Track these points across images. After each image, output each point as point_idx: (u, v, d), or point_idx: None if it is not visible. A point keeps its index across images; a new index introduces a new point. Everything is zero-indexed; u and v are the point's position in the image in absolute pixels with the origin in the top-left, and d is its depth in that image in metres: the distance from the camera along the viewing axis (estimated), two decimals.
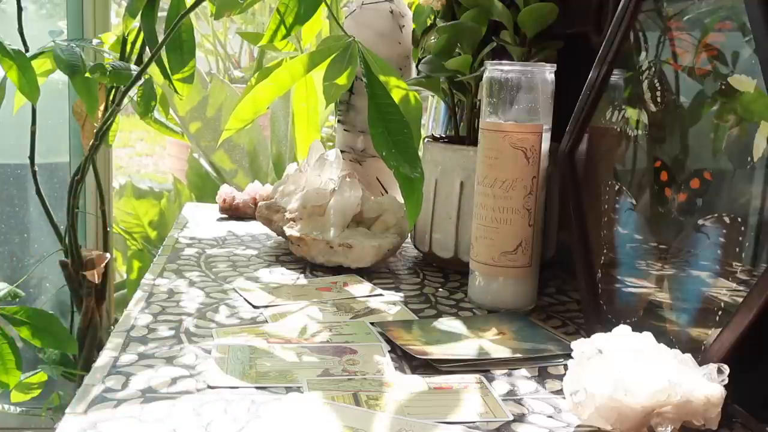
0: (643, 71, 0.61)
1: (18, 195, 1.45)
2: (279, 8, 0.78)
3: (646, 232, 0.59)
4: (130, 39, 1.10)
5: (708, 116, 0.54)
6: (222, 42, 2.51)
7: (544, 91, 0.68)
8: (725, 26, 0.54)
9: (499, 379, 0.56)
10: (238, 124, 0.72)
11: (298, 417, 0.48)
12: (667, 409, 0.45)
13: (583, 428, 0.48)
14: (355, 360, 0.57)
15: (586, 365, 0.48)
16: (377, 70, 0.70)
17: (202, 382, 0.52)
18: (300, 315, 0.67)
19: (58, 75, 1.06)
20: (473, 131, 0.82)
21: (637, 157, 0.62)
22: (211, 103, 1.83)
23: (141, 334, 0.61)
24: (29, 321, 0.90)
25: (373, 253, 0.80)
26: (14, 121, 1.19)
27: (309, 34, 1.00)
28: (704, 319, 0.52)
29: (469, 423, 0.48)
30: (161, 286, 0.74)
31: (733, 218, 0.50)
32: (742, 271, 0.50)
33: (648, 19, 0.61)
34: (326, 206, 0.82)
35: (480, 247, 0.70)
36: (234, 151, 1.89)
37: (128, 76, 0.98)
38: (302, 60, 0.71)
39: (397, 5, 0.93)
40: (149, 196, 1.85)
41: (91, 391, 0.50)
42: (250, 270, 0.81)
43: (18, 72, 0.94)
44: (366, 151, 0.95)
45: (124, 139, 4.39)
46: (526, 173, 0.68)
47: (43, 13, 1.51)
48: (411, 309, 0.70)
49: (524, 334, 0.64)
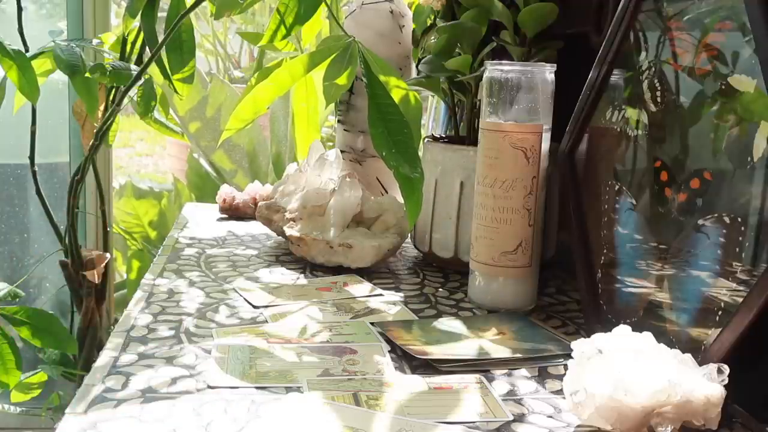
0: (643, 71, 0.61)
1: (18, 195, 1.45)
2: (279, 8, 0.78)
3: (646, 232, 0.59)
4: (130, 39, 1.10)
5: (708, 116, 0.54)
6: (222, 42, 2.51)
7: (544, 91, 0.68)
8: (725, 26, 0.54)
9: (499, 379, 0.56)
10: (238, 124, 0.72)
11: (298, 417, 0.48)
12: (667, 409, 0.45)
13: (583, 428, 0.48)
14: (355, 360, 0.57)
15: (586, 365, 0.48)
16: (377, 70, 0.70)
17: (202, 382, 0.52)
18: (300, 315, 0.67)
19: (58, 75, 1.06)
20: (473, 131, 0.82)
21: (637, 157, 0.62)
22: (210, 102, 1.82)
23: (141, 334, 0.61)
24: (29, 321, 0.90)
25: (373, 253, 0.80)
26: (14, 121, 1.19)
27: (309, 34, 1.00)
28: (704, 319, 0.52)
29: (469, 423, 0.48)
30: (161, 286, 0.74)
31: (733, 218, 0.51)
32: (742, 271, 0.50)
33: (648, 19, 0.61)
34: (326, 206, 0.82)
35: (480, 247, 0.70)
36: (234, 151, 1.89)
37: (128, 76, 0.98)
38: (302, 60, 0.71)
39: (397, 5, 0.93)
40: (149, 196, 1.85)
41: (91, 391, 0.50)
42: (250, 270, 0.81)
43: (18, 72, 0.94)
44: (366, 151, 0.95)
45: (124, 139, 4.39)
46: (526, 173, 0.68)
47: (43, 13, 1.51)
48: (411, 309, 0.70)
49: (524, 334, 0.64)
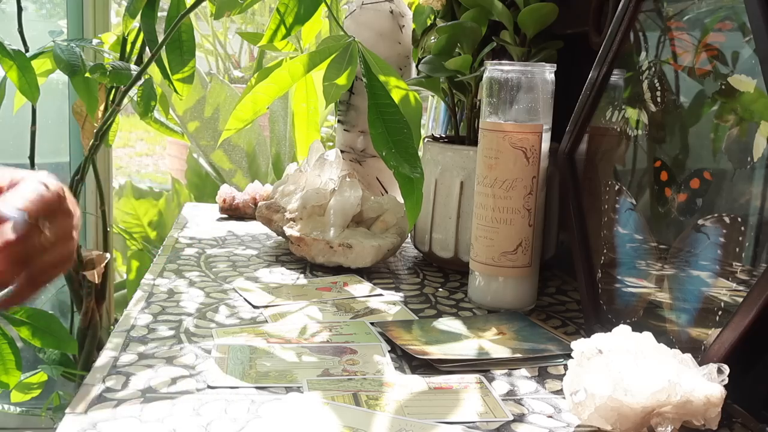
0: (643, 71, 0.61)
1: None
2: (279, 8, 0.78)
3: (646, 232, 0.59)
4: (130, 39, 1.10)
5: (708, 116, 0.54)
6: (222, 42, 2.51)
7: (544, 91, 0.68)
8: (725, 26, 0.54)
9: (499, 379, 0.56)
10: (238, 124, 0.72)
11: (298, 417, 0.48)
12: (667, 409, 0.45)
13: (583, 428, 0.48)
14: (355, 360, 0.57)
15: (586, 365, 0.48)
16: (377, 70, 0.70)
17: (202, 382, 0.52)
18: (300, 315, 0.67)
19: (58, 75, 1.06)
20: (473, 131, 0.82)
21: (637, 157, 0.62)
22: (210, 102, 1.82)
23: (141, 334, 0.61)
24: (29, 321, 0.90)
25: (373, 253, 0.80)
26: (14, 121, 1.19)
27: (309, 34, 1.00)
28: (704, 319, 0.52)
29: (469, 423, 0.48)
30: (161, 286, 0.74)
31: (733, 218, 0.51)
32: (742, 271, 0.50)
33: (648, 19, 0.61)
34: (326, 206, 0.82)
35: (480, 247, 0.70)
36: (233, 151, 1.89)
37: (128, 76, 0.98)
38: (302, 60, 0.71)
39: (397, 5, 0.93)
40: (149, 196, 1.85)
41: (91, 391, 0.50)
42: (250, 270, 0.81)
43: (18, 72, 0.94)
44: (366, 151, 0.95)
45: (124, 139, 4.39)
46: (526, 173, 0.68)
47: (43, 13, 1.51)
48: (411, 309, 0.70)
49: (524, 334, 0.64)
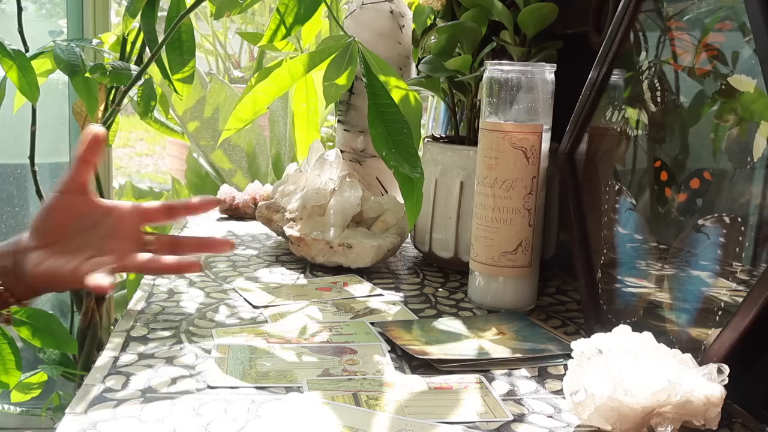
0: (643, 71, 0.61)
1: (18, 195, 1.45)
2: (279, 8, 0.78)
3: (646, 232, 0.59)
4: (130, 39, 1.10)
5: (708, 116, 0.54)
6: (222, 42, 2.51)
7: (544, 91, 0.68)
8: (725, 26, 0.54)
9: (499, 379, 0.56)
10: (238, 124, 0.72)
11: (298, 417, 0.48)
12: (667, 409, 0.45)
13: (583, 428, 0.48)
14: (355, 360, 0.57)
15: (586, 365, 0.48)
16: (377, 70, 0.70)
17: (202, 382, 0.52)
18: (300, 315, 0.67)
19: (58, 75, 1.06)
20: (473, 131, 0.82)
21: (637, 157, 0.62)
22: (209, 102, 1.82)
23: (141, 334, 0.61)
24: (29, 321, 0.90)
25: (373, 253, 0.80)
26: (14, 121, 1.19)
27: (309, 34, 1.00)
28: (704, 319, 0.52)
29: (469, 423, 0.48)
30: (161, 286, 0.74)
31: (733, 218, 0.50)
32: (742, 271, 0.50)
33: (648, 19, 0.61)
34: (326, 206, 0.82)
35: (480, 247, 0.70)
36: (233, 152, 1.89)
37: (128, 76, 0.98)
38: (302, 60, 0.71)
39: (397, 5, 0.93)
40: (149, 196, 1.85)
41: (91, 391, 0.50)
42: (250, 270, 0.81)
43: (18, 72, 0.94)
44: (366, 151, 0.95)
45: (124, 139, 4.40)
46: (526, 173, 0.68)
47: (43, 13, 1.51)
48: (411, 309, 0.70)
49: (524, 334, 0.64)
